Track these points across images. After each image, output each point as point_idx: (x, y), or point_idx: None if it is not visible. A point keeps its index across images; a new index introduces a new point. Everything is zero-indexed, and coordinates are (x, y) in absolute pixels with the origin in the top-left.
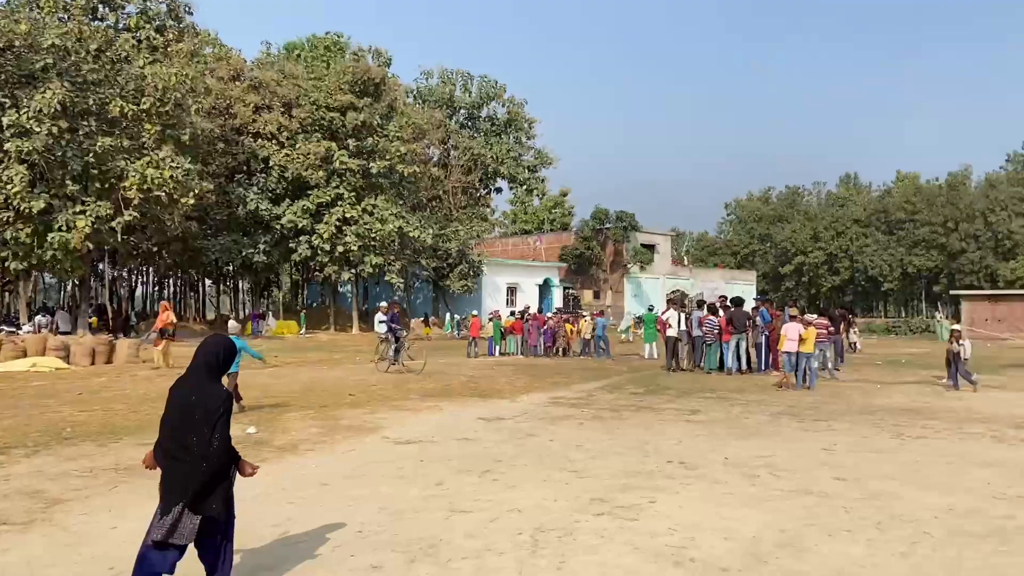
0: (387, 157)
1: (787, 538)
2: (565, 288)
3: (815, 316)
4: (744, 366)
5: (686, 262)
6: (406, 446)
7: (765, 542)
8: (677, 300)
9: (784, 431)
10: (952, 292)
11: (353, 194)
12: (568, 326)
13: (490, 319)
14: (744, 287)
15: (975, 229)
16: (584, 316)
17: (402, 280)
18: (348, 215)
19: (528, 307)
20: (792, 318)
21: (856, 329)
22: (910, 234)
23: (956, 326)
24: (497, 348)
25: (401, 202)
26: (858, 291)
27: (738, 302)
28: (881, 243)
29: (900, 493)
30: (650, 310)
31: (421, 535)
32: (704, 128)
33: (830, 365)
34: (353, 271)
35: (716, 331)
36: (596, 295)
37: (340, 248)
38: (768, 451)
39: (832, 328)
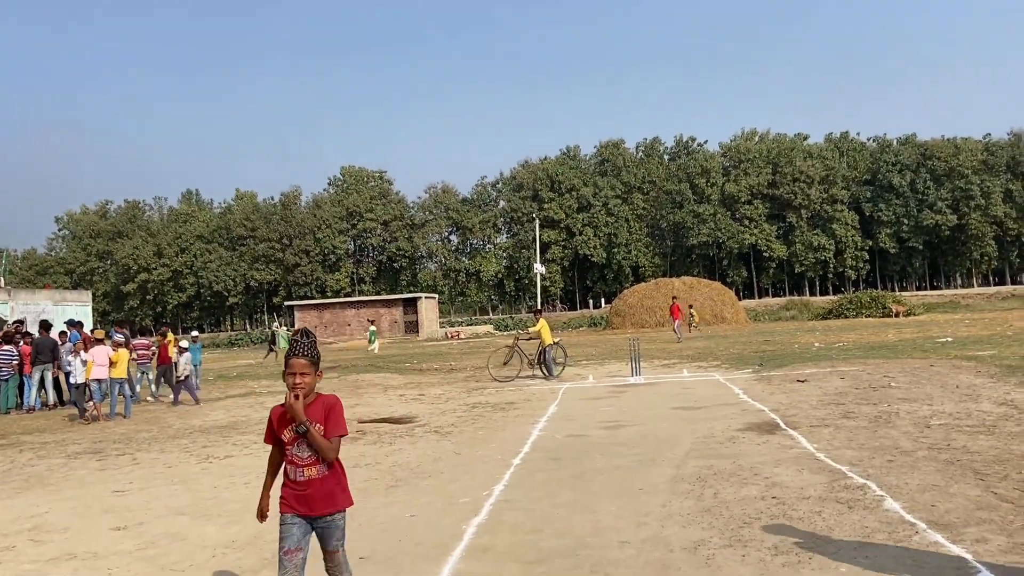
0: None
1: None
2: None
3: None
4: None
5: (3, 283)
6: None
7: None
8: None
9: (76, 475)
10: (287, 303)
11: None
12: None
13: None
14: (79, 309)
15: (306, 245)
16: None
17: None
18: None
19: None
20: (99, 341)
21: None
22: (251, 249)
23: (190, 335)
24: None
25: None
26: (205, 307)
27: (46, 326)
28: (224, 259)
29: (185, 532)
30: None
31: None
32: (26, 136)
33: (154, 388)
34: None
35: (15, 363)
36: None
37: None
38: (43, 507)
39: (155, 348)
